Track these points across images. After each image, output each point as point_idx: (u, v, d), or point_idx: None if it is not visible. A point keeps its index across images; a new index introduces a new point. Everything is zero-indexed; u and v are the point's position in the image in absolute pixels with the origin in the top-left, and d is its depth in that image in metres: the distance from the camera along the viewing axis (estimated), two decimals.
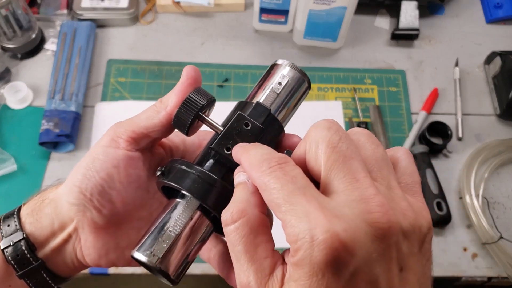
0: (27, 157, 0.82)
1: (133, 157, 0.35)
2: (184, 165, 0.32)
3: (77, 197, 0.34)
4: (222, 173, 0.32)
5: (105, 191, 0.34)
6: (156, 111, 0.35)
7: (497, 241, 0.75)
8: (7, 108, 0.87)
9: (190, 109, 0.33)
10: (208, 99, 0.34)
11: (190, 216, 0.32)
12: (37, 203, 0.37)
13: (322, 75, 0.93)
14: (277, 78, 0.36)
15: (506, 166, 0.85)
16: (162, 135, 0.36)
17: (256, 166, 0.27)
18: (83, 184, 0.34)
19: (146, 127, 0.34)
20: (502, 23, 1.02)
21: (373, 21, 1.01)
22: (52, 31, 0.95)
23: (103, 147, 0.35)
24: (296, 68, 0.36)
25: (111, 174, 0.34)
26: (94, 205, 0.34)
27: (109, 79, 0.91)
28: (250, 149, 0.29)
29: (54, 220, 0.35)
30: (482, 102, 0.92)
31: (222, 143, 0.32)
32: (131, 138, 0.35)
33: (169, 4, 0.98)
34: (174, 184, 0.32)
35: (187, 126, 0.33)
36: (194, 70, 0.36)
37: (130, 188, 0.35)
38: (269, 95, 0.35)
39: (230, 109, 0.38)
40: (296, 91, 0.36)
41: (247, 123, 0.33)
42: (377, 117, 0.88)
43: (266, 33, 0.98)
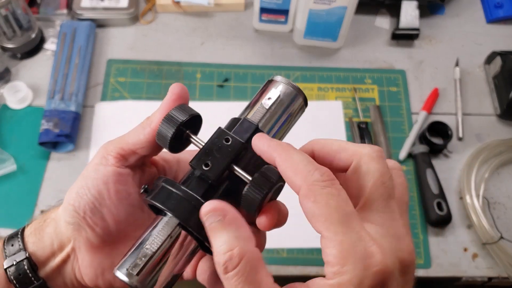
0: (27, 157, 0.82)
1: (122, 174, 0.35)
2: (165, 182, 0.32)
3: (72, 215, 0.34)
4: (202, 190, 0.31)
5: (97, 208, 0.35)
6: (142, 127, 0.35)
7: (497, 241, 0.75)
8: (6, 108, 0.87)
9: (170, 125, 0.32)
10: (189, 115, 0.33)
11: (168, 234, 0.31)
12: (39, 223, 0.37)
13: (322, 75, 0.93)
14: (268, 94, 0.35)
15: (507, 166, 0.85)
16: (150, 152, 0.36)
17: (305, 173, 0.27)
18: (76, 202, 0.34)
19: (133, 144, 0.35)
20: (502, 23, 1.02)
21: (373, 21, 1.01)
22: (52, 31, 0.95)
23: (94, 165, 0.35)
24: (289, 84, 0.35)
25: (101, 191, 0.35)
26: (87, 223, 0.34)
27: (109, 79, 0.91)
28: (289, 150, 0.29)
29: (54, 240, 0.36)
30: (482, 102, 0.92)
31: (201, 159, 0.32)
32: (120, 154, 0.35)
33: (169, 4, 0.98)
34: (154, 202, 0.31)
35: (168, 142, 0.33)
36: (180, 87, 0.37)
37: (120, 205, 0.35)
38: (258, 111, 0.34)
39: (230, 109, 0.38)
40: (288, 106, 0.35)
41: (227, 138, 0.32)
42: (377, 117, 0.88)
43: (266, 33, 0.98)
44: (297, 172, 0.27)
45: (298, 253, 0.75)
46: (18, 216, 0.77)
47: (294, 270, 0.74)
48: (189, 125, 0.34)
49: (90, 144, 0.83)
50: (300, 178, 0.27)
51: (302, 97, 0.35)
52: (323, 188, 0.26)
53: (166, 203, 0.31)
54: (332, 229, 0.25)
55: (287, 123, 0.35)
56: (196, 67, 0.93)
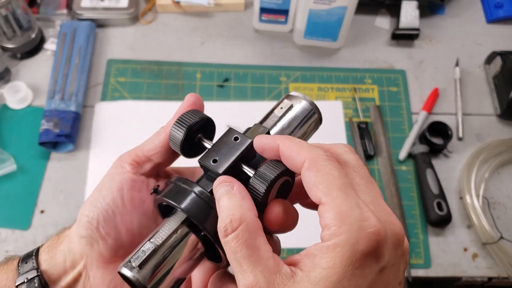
0: (27, 157, 0.82)
1: (137, 181, 0.36)
2: (177, 180, 0.32)
3: (85, 227, 0.34)
4: (212, 186, 0.31)
5: (110, 216, 0.35)
6: (158, 134, 0.36)
7: (497, 241, 0.75)
8: (6, 108, 0.87)
9: (181, 127, 0.33)
10: (200, 118, 0.34)
11: (174, 228, 0.31)
12: (54, 240, 0.38)
13: (322, 75, 0.93)
14: (282, 104, 0.36)
15: (507, 166, 0.85)
16: (165, 159, 0.36)
17: (308, 148, 0.29)
18: (90, 212, 0.35)
19: (148, 150, 0.36)
20: (502, 23, 1.02)
21: (373, 21, 1.01)
22: (51, 31, 0.95)
23: (110, 175, 0.36)
24: (305, 99, 0.36)
25: (115, 198, 0.35)
26: (100, 235, 0.35)
27: (109, 79, 0.91)
28: (294, 138, 0.30)
29: (66, 257, 0.36)
30: (482, 102, 0.92)
31: (209, 156, 0.32)
32: (135, 161, 0.36)
33: (169, 4, 0.98)
34: (160, 197, 0.31)
35: (180, 144, 0.33)
36: (195, 96, 0.37)
37: (134, 213, 0.35)
38: (270, 119, 0.35)
39: (230, 109, 0.38)
40: (302, 120, 0.35)
41: (236, 137, 0.33)
42: (377, 117, 0.88)
43: (266, 33, 0.98)
44: (300, 150, 0.29)
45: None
46: (18, 216, 0.77)
47: None
48: (201, 129, 0.34)
49: (90, 144, 0.83)
50: (303, 154, 0.28)
51: (316, 112, 0.36)
52: (325, 160, 0.28)
53: (173, 197, 0.31)
54: (333, 194, 0.26)
55: (298, 132, 0.35)
56: (196, 67, 0.93)
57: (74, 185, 0.80)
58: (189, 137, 0.33)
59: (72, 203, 0.79)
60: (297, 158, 0.29)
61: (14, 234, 0.76)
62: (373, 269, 0.25)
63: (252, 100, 0.89)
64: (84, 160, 0.82)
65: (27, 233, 0.76)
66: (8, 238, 0.75)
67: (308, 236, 0.68)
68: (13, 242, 0.75)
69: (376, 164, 0.84)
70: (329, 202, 0.26)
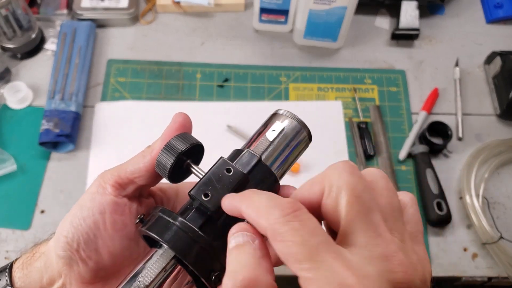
0: (27, 157, 0.82)
1: (119, 204, 0.34)
2: (162, 212, 0.30)
3: (63, 248, 0.33)
4: (200, 222, 0.30)
5: (91, 239, 0.33)
6: (142, 156, 0.34)
7: (497, 241, 0.75)
8: (7, 108, 0.87)
9: (170, 154, 0.31)
10: (190, 144, 0.32)
11: (163, 267, 0.30)
12: (28, 257, 0.36)
13: (322, 75, 0.93)
14: (272, 126, 0.34)
15: (506, 166, 0.85)
16: (149, 182, 0.34)
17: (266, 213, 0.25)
18: (69, 233, 0.33)
19: (131, 172, 0.34)
20: (502, 23, 1.02)
21: (373, 21, 1.01)
22: (52, 31, 0.95)
23: (90, 194, 0.34)
24: (294, 118, 0.34)
25: (97, 221, 0.33)
26: (80, 257, 0.33)
27: (109, 79, 0.91)
28: (251, 195, 0.27)
29: (43, 275, 0.34)
30: (482, 102, 0.92)
31: (200, 189, 0.30)
32: (117, 183, 0.34)
33: (169, 4, 0.98)
34: (149, 232, 0.30)
35: (168, 171, 0.32)
36: (182, 116, 0.35)
37: (116, 237, 0.34)
38: (261, 143, 0.33)
39: (229, 109, 0.37)
40: (293, 141, 0.34)
41: (229, 169, 0.31)
42: (377, 117, 0.88)
43: (266, 33, 0.98)
44: (260, 215, 0.25)
45: None
46: (18, 216, 0.77)
47: None
48: (190, 154, 0.32)
49: (90, 144, 0.84)
50: (263, 221, 0.25)
51: (306, 131, 0.34)
52: (285, 225, 0.24)
53: (162, 234, 0.29)
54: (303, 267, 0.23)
55: (290, 156, 0.34)
56: (196, 67, 0.93)
57: (75, 185, 0.80)
58: (177, 163, 0.32)
59: (72, 203, 0.78)
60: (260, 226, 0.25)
61: (14, 234, 0.76)
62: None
63: (252, 100, 0.89)
64: (84, 160, 0.82)
65: (27, 233, 0.76)
66: (8, 238, 0.75)
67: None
68: (13, 242, 0.75)
69: (376, 164, 0.84)
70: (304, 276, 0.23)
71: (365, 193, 0.26)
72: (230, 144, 0.83)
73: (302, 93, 0.91)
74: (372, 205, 0.26)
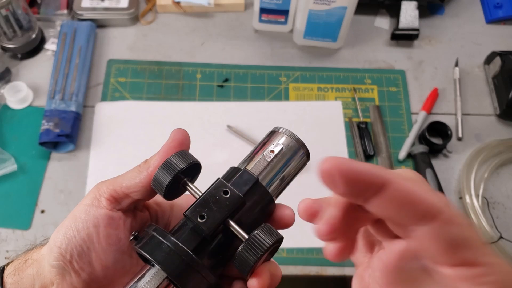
0: (27, 157, 0.82)
1: (114, 217, 0.34)
2: (156, 232, 0.30)
3: (57, 258, 0.33)
4: (194, 244, 0.30)
5: (85, 252, 0.33)
6: (139, 171, 0.34)
7: (497, 241, 0.75)
8: (7, 108, 0.87)
9: (167, 172, 0.31)
10: (188, 163, 0.32)
11: (155, 287, 0.30)
12: (20, 263, 0.36)
13: (322, 75, 0.94)
14: (270, 146, 0.34)
15: (506, 166, 0.85)
16: (144, 197, 0.35)
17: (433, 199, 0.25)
18: (63, 244, 0.33)
19: (127, 187, 0.34)
20: (502, 23, 1.02)
21: (373, 21, 1.01)
22: (52, 31, 0.96)
23: (85, 206, 0.34)
24: (293, 137, 0.34)
25: (91, 234, 0.33)
26: (73, 268, 0.33)
27: (109, 79, 0.91)
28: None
29: (35, 282, 0.34)
30: (482, 102, 0.92)
31: (196, 210, 0.30)
32: (113, 197, 0.34)
33: (169, 4, 0.99)
34: (143, 252, 0.30)
35: (164, 189, 0.31)
36: (181, 132, 0.35)
37: (110, 250, 0.34)
38: (259, 163, 0.33)
39: (229, 109, 0.37)
40: (291, 160, 0.34)
41: (226, 190, 0.31)
42: (377, 117, 0.88)
43: (266, 33, 0.98)
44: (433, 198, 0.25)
45: (298, 253, 0.75)
46: (19, 216, 0.77)
47: (294, 270, 0.75)
48: (187, 172, 0.32)
49: (91, 144, 0.84)
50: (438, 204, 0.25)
51: (304, 150, 0.34)
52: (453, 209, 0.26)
53: (155, 254, 0.29)
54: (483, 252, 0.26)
55: (288, 176, 0.34)
56: (196, 67, 0.93)
57: (75, 185, 0.80)
58: (174, 181, 0.32)
59: (72, 203, 0.79)
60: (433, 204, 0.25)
61: (15, 234, 0.76)
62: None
63: (252, 100, 0.90)
64: (85, 160, 0.82)
65: (27, 233, 0.76)
66: (9, 238, 0.76)
67: (306, 234, 0.68)
68: (14, 242, 0.75)
69: (375, 164, 0.84)
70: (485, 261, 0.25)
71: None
72: (230, 144, 0.83)
73: (302, 93, 0.91)
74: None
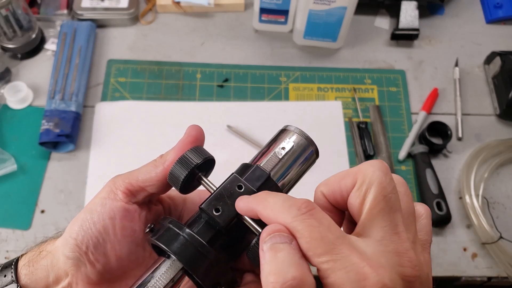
0: (27, 157, 0.82)
1: (130, 210, 0.35)
2: (172, 224, 0.31)
3: (72, 249, 0.33)
4: (209, 236, 0.31)
5: (100, 243, 0.34)
6: (154, 165, 0.35)
7: (497, 241, 0.75)
8: (7, 108, 0.87)
9: (184, 167, 0.32)
10: (204, 158, 0.33)
11: (171, 278, 0.31)
12: (34, 255, 0.36)
13: (322, 75, 0.94)
14: (282, 143, 0.35)
15: (506, 166, 0.85)
16: (159, 191, 0.35)
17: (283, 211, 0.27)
18: (79, 236, 0.34)
19: (143, 181, 0.35)
20: (502, 23, 1.02)
21: (373, 21, 1.01)
22: (52, 31, 0.96)
23: (101, 199, 0.35)
24: (303, 135, 0.35)
25: (107, 226, 0.34)
26: (88, 259, 0.34)
27: (109, 79, 0.91)
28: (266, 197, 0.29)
29: (49, 273, 0.35)
30: (482, 102, 0.92)
31: (212, 204, 0.31)
32: (128, 190, 0.35)
33: (169, 4, 0.99)
34: (159, 243, 0.31)
35: (180, 183, 0.33)
36: (196, 129, 0.36)
37: (124, 242, 0.35)
38: (271, 159, 0.34)
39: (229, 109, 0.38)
40: (300, 157, 0.35)
41: (240, 185, 0.32)
42: (377, 117, 0.88)
43: (266, 33, 0.98)
44: (277, 214, 0.27)
45: None
46: (19, 216, 0.77)
47: None
48: (201, 167, 0.34)
49: (91, 144, 0.84)
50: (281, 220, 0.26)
51: (313, 148, 0.35)
52: (303, 222, 0.26)
53: (171, 245, 0.30)
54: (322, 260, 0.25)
55: (298, 173, 0.35)
56: (196, 67, 0.93)
57: (75, 185, 0.80)
58: (190, 176, 0.33)
59: (72, 203, 0.79)
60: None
61: (15, 234, 0.76)
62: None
63: (252, 100, 0.90)
64: (85, 160, 0.82)
65: (27, 233, 0.76)
66: (9, 238, 0.76)
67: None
68: (14, 242, 0.75)
69: None
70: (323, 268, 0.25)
71: (392, 194, 0.28)
72: (230, 144, 0.83)
73: (302, 93, 0.91)
74: (396, 206, 0.28)
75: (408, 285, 0.25)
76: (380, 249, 0.26)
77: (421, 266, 0.27)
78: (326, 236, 0.25)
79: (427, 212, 0.32)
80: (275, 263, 0.25)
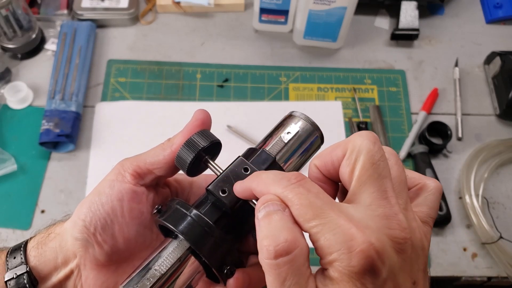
0: (27, 157, 0.82)
1: (137, 192, 0.35)
2: (179, 205, 0.32)
3: (81, 231, 0.34)
4: (216, 216, 0.32)
5: (108, 225, 0.34)
6: (162, 148, 0.36)
7: (496, 241, 0.75)
8: (7, 108, 0.87)
9: (191, 150, 0.33)
10: (210, 141, 0.34)
11: (178, 257, 0.31)
12: (43, 237, 0.37)
13: (322, 75, 0.94)
14: (287, 128, 0.36)
15: (506, 166, 0.85)
16: (167, 173, 0.36)
17: (274, 183, 0.28)
18: (87, 217, 0.34)
19: (151, 163, 0.35)
20: (502, 23, 1.02)
21: (373, 21, 1.01)
22: (52, 31, 0.96)
23: (109, 181, 0.35)
24: (308, 121, 0.36)
25: (115, 207, 0.35)
26: (96, 240, 0.34)
27: (109, 79, 0.91)
28: (259, 174, 0.30)
29: (58, 254, 0.35)
30: (482, 102, 0.92)
31: (218, 185, 0.32)
32: (136, 172, 0.35)
33: (169, 4, 0.99)
34: (167, 223, 0.31)
35: (187, 166, 0.33)
36: (203, 113, 0.37)
37: (132, 224, 0.35)
38: (276, 144, 0.35)
39: (229, 109, 0.38)
40: (305, 142, 0.35)
41: (246, 168, 0.33)
42: (377, 117, 0.88)
43: (266, 33, 0.98)
44: (270, 184, 0.28)
45: None
46: (19, 216, 0.77)
47: None
48: (208, 150, 0.34)
49: (91, 144, 0.84)
50: (274, 188, 0.28)
51: (318, 133, 0.36)
52: (292, 191, 0.27)
53: (179, 225, 0.31)
54: (312, 225, 0.26)
55: (303, 157, 0.36)
56: (196, 67, 0.93)
57: (75, 185, 0.80)
58: (197, 159, 0.34)
59: (72, 203, 0.79)
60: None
61: (15, 234, 0.76)
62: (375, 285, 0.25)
63: (252, 100, 0.90)
64: (85, 160, 0.82)
65: (27, 233, 0.76)
66: (9, 238, 0.76)
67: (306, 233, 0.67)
68: (14, 242, 0.75)
69: None
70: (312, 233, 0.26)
71: (380, 162, 0.28)
72: (230, 144, 0.83)
73: (302, 93, 0.91)
74: (385, 173, 0.28)
75: (398, 246, 0.26)
76: (368, 213, 0.27)
77: (413, 230, 0.27)
78: (314, 202, 0.26)
79: (437, 188, 0.32)
80: (268, 228, 0.26)
